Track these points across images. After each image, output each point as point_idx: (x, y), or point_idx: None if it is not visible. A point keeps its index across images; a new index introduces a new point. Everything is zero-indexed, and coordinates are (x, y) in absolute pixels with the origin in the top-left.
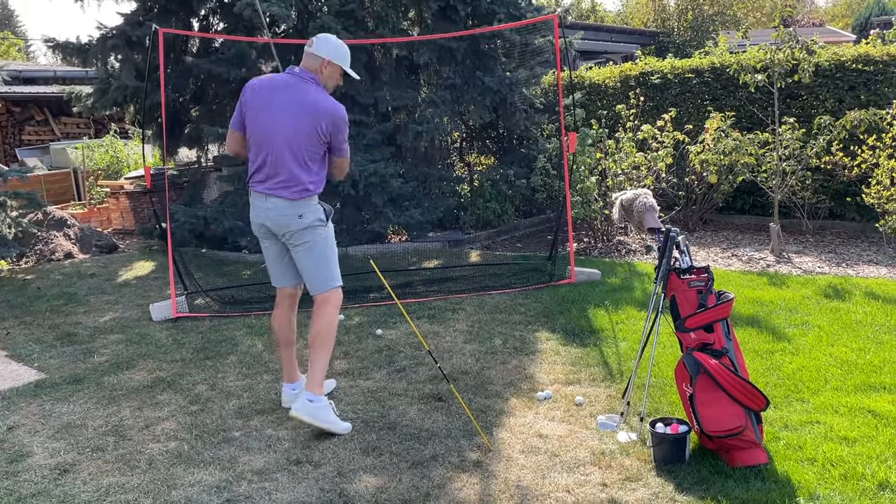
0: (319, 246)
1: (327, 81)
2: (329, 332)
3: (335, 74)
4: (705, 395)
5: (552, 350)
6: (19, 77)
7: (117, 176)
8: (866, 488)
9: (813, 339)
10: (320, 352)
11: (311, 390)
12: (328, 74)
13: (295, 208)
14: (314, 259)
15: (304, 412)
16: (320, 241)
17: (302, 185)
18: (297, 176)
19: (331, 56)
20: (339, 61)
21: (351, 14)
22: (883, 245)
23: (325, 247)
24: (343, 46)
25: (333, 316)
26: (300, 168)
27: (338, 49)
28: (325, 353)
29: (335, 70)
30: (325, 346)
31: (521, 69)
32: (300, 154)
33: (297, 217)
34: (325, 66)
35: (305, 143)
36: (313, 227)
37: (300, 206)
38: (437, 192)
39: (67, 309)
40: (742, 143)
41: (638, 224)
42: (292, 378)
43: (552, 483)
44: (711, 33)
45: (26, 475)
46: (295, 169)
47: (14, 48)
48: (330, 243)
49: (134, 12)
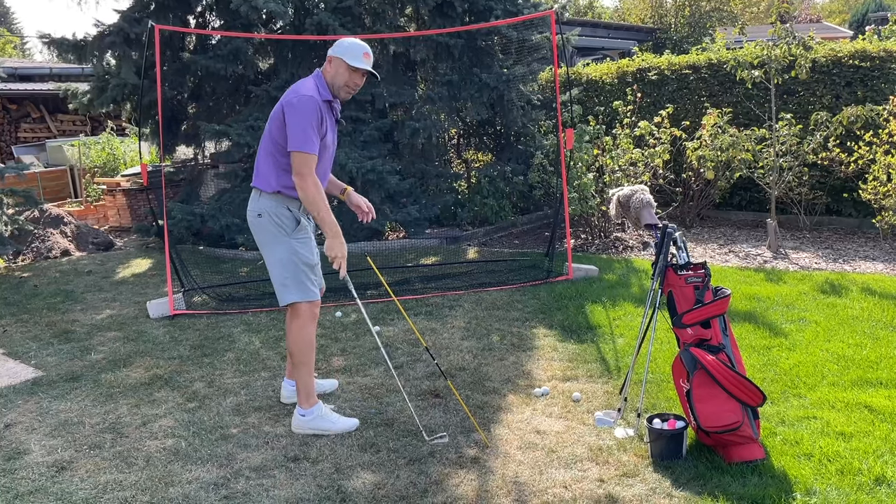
0: (277, 251)
1: (334, 80)
2: (299, 348)
3: (340, 69)
4: (702, 390)
5: (549, 346)
6: (15, 74)
7: (114, 173)
8: (863, 483)
9: (810, 335)
10: (298, 369)
11: (300, 405)
12: (333, 71)
13: (255, 202)
14: (271, 266)
15: (300, 428)
16: (278, 247)
17: (264, 176)
18: (260, 163)
19: (333, 52)
20: (340, 55)
21: (348, 10)
22: (879, 241)
23: (287, 254)
24: (354, 43)
25: (303, 331)
26: (264, 154)
27: (343, 45)
28: (302, 369)
29: (339, 65)
30: (300, 363)
31: (518, 66)
32: (266, 141)
33: (255, 214)
34: (329, 63)
35: (273, 128)
36: (272, 229)
37: (261, 202)
38: (435, 189)
39: (64, 306)
40: (739, 140)
41: (635, 220)
42: (292, 374)
43: (549, 479)
44: (708, 29)
45: (23, 472)
46: (260, 156)
47: (10, 45)
48: (294, 251)
49: (131, 9)
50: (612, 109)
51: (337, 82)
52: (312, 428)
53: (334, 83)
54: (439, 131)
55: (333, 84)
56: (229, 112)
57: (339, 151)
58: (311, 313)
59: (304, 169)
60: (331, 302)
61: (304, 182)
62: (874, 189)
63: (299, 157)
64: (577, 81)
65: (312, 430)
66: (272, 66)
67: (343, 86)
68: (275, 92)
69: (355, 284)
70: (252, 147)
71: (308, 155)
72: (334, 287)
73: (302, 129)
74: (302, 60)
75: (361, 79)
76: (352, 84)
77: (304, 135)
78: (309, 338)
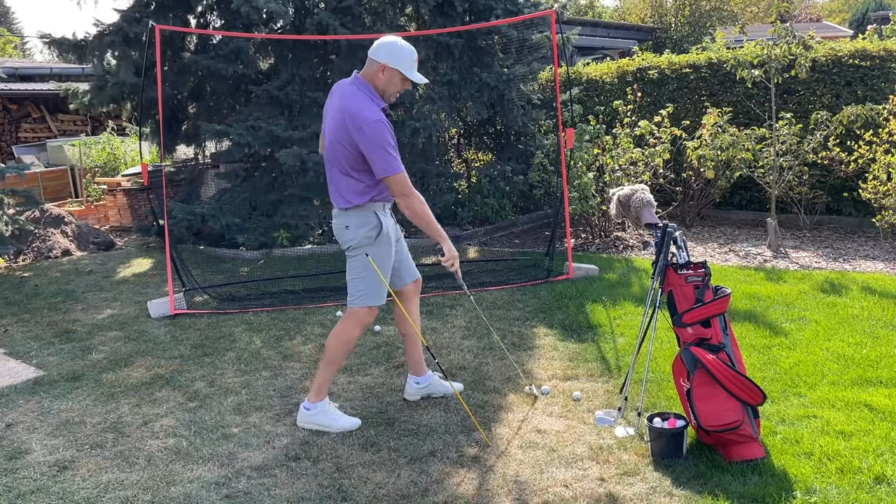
0: (357, 258)
1: (386, 88)
2: (338, 347)
3: (394, 80)
4: (702, 389)
5: (550, 346)
6: (15, 74)
7: (114, 173)
8: (863, 482)
9: (810, 334)
10: (323, 364)
11: (308, 399)
12: (386, 80)
13: (341, 218)
14: (351, 271)
15: (303, 422)
16: (360, 256)
17: (345, 195)
18: (338, 184)
19: (386, 60)
20: (395, 65)
21: (348, 10)
22: (879, 240)
23: (364, 261)
24: (405, 50)
25: (350, 333)
26: (341, 176)
27: (394, 52)
28: (327, 367)
29: (393, 75)
30: (329, 361)
31: (518, 65)
32: (338, 162)
33: (343, 228)
34: (381, 72)
35: (341, 150)
36: (356, 240)
37: (345, 217)
38: (435, 189)
39: (65, 306)
40: (739, 139)
41: (635, 220)
42: (416, 371)
43: (550, 478)
44: (708, 29)
45: (25, 472)
46: (336, 177)
47: (10, 45)
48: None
49: (131, 8)
50: (612, 109)
51: (389, 90)
52: (315, 423)
53: (386, 91)
54: (440, 131)
55: (385, 92)
56: (230, 112)
57: None
58: (365, 320)
59: (404, 189)
60: (331, 302)
61: (409, 202)
62: (874, 188)
63: (394, 180)
64: (577, 81)
65: (315, 425)
66: (272, 65)
67: (394, 93)
68: (275, 91)
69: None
70: (252, 147)
71: (400, 175)
72: (335, 287)
73: (385, 155)
74: (302, 60)
75: (410, 84)
76: (402, 90)
77: (389, 159)
78: (351, 342)
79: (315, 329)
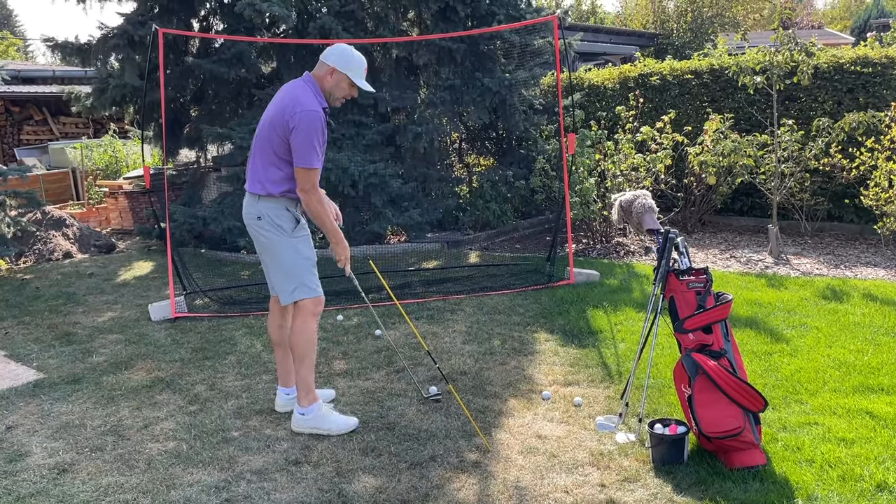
0: (280, 252)
1: (333, 90)
2: (302, 344)
3: (342, 84)
4: (704, 396)
5: (551, 351)
6: (18, 77)
7: (116, 176)
8: (864, 489)
9: (811, 341)
10: (298, 366)
11: (298, 405)
12: (334, 83)
13: (254, 206)
14: (273, 266)
15: (299, 427)
16: (281, 248)
17: (263, 183)
18: (259, 170)
19: (335, 63)
20: (344, 69)
21: (351, 15)
22: (881, 247)
23: (290, 253)
24: (354, 57)
25: (305, 327)
26: (266, 162)
27: (345, 57)
28: (303, 365)
29: (341, 79)
30: (301, 359)
31: (520, 70)
32: (267, 147)
33: (255, 218)
34: (330, 74)
35: (273, 134)
36: (273, 231)
37: (258, 206)
38: (437, 193)
39: (66, 309)
40: (741, 145)
41: (637, 225)
42: (286, 382)
43: (551, 483)
44: (710, 35)
45: (25, 475)
46: (259, 162)
47: (13, 48)
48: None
49: (135, 12)
50: (614, 114)
51: (335, 94)
52: (312, 427)
53: (332, 94)
54: (441, 135)
55: (331, 94)
56: (232, 115)
57: (341, 155)
58: (315, 310)
59: (308, 185)
60: (332, 305)
61: (309, 197)
62: (876, 195)
63: (306, 173)
64: (578, 86)
65: (312, 429)
66: (275, 69)
67: (340, 97)
68: None
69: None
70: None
71: (315, 170)
72: (336, 290)
73: (309, 146)
74: (305, 64)
75: (356, 91)
76: (348, 96)
77: (311, 151)
78: (311, 334)
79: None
